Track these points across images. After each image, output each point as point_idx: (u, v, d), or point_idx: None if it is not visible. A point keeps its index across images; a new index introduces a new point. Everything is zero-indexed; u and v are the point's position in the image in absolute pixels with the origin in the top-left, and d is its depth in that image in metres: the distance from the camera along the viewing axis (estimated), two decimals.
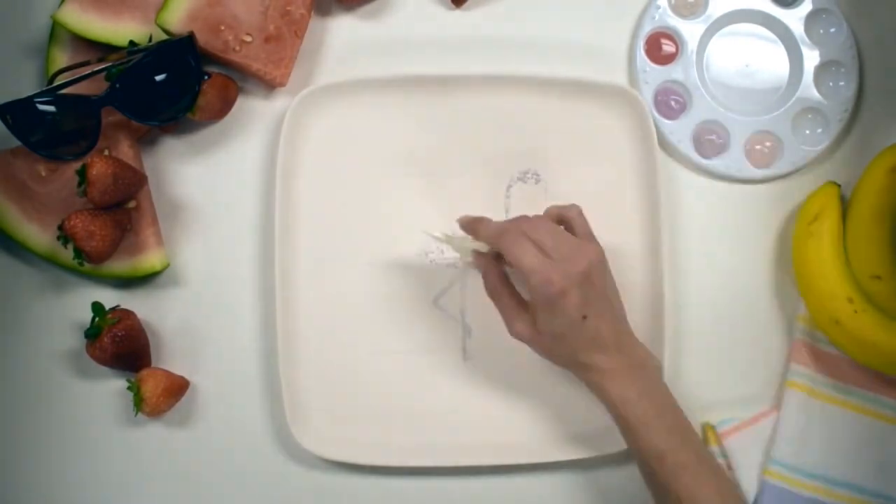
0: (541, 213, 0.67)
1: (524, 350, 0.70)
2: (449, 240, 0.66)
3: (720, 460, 0.69)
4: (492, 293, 0.65)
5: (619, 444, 0.68)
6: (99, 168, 0.66)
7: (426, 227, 0.67)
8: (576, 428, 0.70)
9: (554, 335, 0.62)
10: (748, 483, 0.69)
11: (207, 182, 0.73)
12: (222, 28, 0.71)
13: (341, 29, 0.75)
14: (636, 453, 0.62)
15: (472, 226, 0.65)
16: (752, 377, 0.72)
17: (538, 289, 0.60)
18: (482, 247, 0.65)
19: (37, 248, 0.70)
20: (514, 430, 0.70)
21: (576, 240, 0.63)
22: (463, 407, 0.70)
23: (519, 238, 0.61)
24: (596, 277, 0.61)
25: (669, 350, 0.69)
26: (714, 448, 0.70)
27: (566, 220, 0.65)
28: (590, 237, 0.64)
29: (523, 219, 0.64)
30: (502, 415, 0.70)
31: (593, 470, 0.70)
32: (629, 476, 0.70)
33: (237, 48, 0.71)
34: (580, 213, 0.65)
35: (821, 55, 0.75)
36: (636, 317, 0.71)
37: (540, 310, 0.61)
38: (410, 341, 0.71)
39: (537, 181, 0.73)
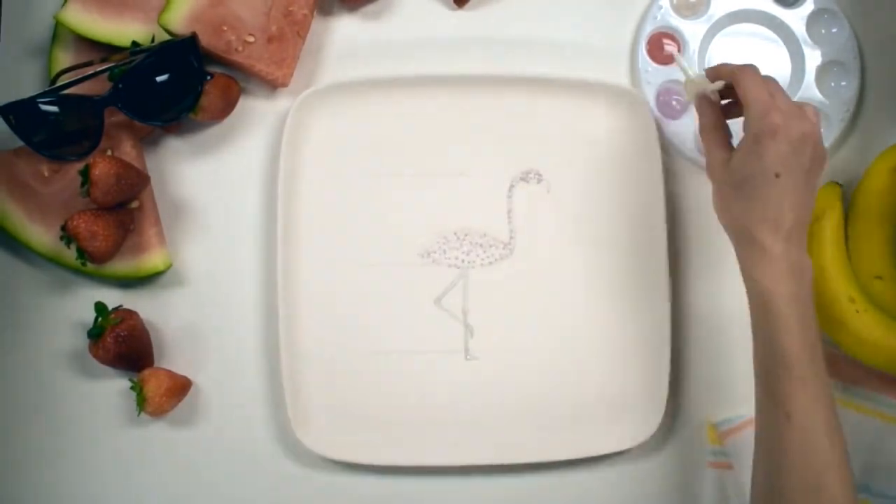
0: (544, 212, 0.67)
1: (526, 350, 0.70)
2: (686, 74, 0.67)
3: (721, 460, 0.69)
4: (705, 128, 0.64)
5: (619, 444, 0.69)
6: (102, 168, 0.66)
7: (675, 53, 0.68)
8: (577, 428, 0.70)
9: (741, 182, 0.60)
10: (749, 482, 0.69)
11: (210, 182, 0.73)
12: (225, 28, 0.71)
13: (344, 29, 0.75)
14: (761, 351, 0.60)
15: (716, 69, 0.65)
16: (754, 377, 0.72)
17: (755, 118, 0.59)
18: (712, 91, 0.64)
19: (40, 249, 0.70)
20: (515, 430, 0.70)
21: (804, 109, 0.61)
22: (465, 407, 0.70)
23: (758, 75, 0.61)
24: (809, 148, 0.59)
25: (672, 350, 0.69)
26: (715, 447, 0.70)
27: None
28: (817, 119, 0.62)
29: (767, 75, 0.63)
30: (504, 414, 0.70)
31: (594, 469, 0.70)
32: (630, 476, 0.70)
33: (240, 48, 0.71)
34: (816, 111, 0.62)
35: (822, 55, 0.75)
36: (638, 316, 0.71)
37: (745, 144, 0.60)
38: (413, 341, 0.71)
39: (539, 181, 0.73)
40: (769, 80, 0.62)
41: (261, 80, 0.72)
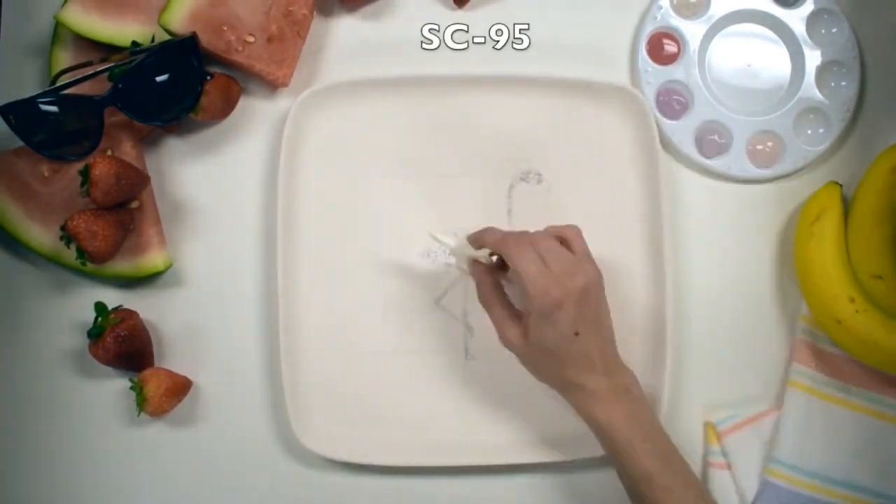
0: (544, 212, 0.67)
1: None
2: (448, 244, 0.66)
3: (720, 460, 0.69)
4: (485, 300, 0.65)
5: None
6: (102, 168, 0.66)
7: (431, 228, 0.67)
8: (578, 428, 0.69)
9: (544, 348, 0.62)
10: (748, 481, 0.69)
11: (210, 182, 0.73)
12: (225, 28, 0.71)
13: (343, 29, 0.75)
14: (624, 476, 0.62)
15: (478, 237, 0.65)
16: (753, 377, 0.72)
17: (536, 298, 0.60)
18: (482, 255, 0.64)
19: (40, 249, 0.70)
20: (516, 430, 0.70)
21: (575, 258, 0.63)
22: (465, 407, 0.70)
23: (523, 245, 0.61)
24: (592, 296, 0.62)
25: (672, 350, 0.69)
26: (714, 447, 0.70)
27: (565, 239, 0.65)
28: (588, 258, 0.64)
29: (526, 232, 0.64)
30: (505, 414, 0.70)
31: (594, 470, 0.70)
32: None
33: (240, 48, 0.71)
34: (579, 233, 0.65)
35: (822, 55, 0.75)
36: (638, 315, 0.71)
37: (534, 320, 0.61)
38: (412, 341, 0.71)
39: (539, 181, 0.73)
40: (533, 240, 0.62)
41: (261, 80, 0.73)
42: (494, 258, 0.64)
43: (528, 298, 0.61)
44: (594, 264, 0.63)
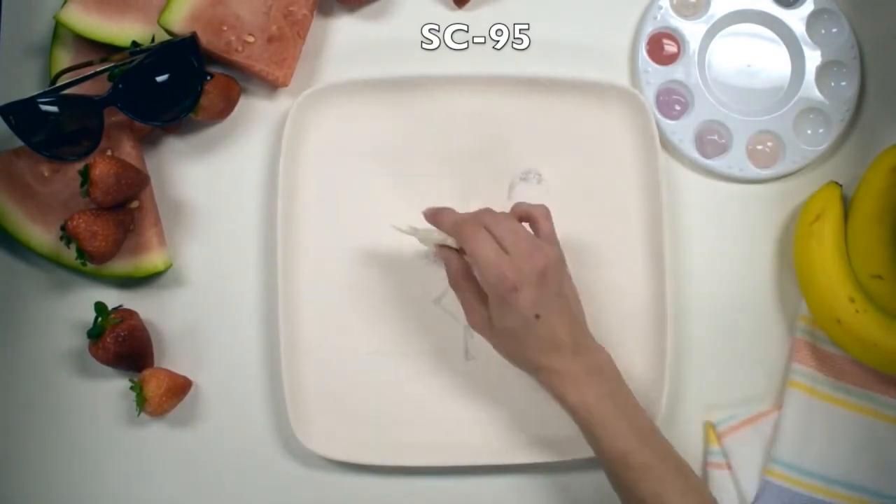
0: None
1: None
2: (414, 231, 0.66)
3: (720, 460, 0.69)
4: (453, 284, 0.65)
5: None
6: (101, 168, 0.66)
7: (394, 221, 0.66)
8: (577, 428, 0.69)
9: (507, 332, 0.62)
10: (748, 481, 0.69)
11: (210, 182, 0.73)
12: (225, 28, 0.71)
13: (343, 29, 0.75)
14: (599, 456, 0.62)
15: (434, 217, 0.65)
16: (753, 377, 0.72)
17: (491, 283, 0.60)
18: (447, 239, 0.64)
19: (39, 249, 0.70)
20: (516, 430, 0.70)
21: (535, 239, 0.62)
22: (465, 407, 0.70)
23: (478, 230, 0.61)
24: (552, 278, 0.61)
25: (671, 349, 0.69)
26: (714, 447, 0.70)
27: (532, 219, 0.64)
28: (551, 239, 0.64)
29: (486, 212, 0.63)
30: (505, 415, 0.70)
31: (595, 470, 0.70)
32: None
33: (240, 48, 0.71)
34: (548, 214, 0.64)
35: (822, 55, 0.75)
36: (638, 316, 0.71)
37: (494, 305, 0.61)
38: (412, 341, 0.71)
39: (539, 181, 0.73)
40: (489, 222, 0.61)
41: (261, 80, 0.73)
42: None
43: (484, 283, 0.61)
44: (556, 246, 0.63)
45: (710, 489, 0.69)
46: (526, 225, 0.64)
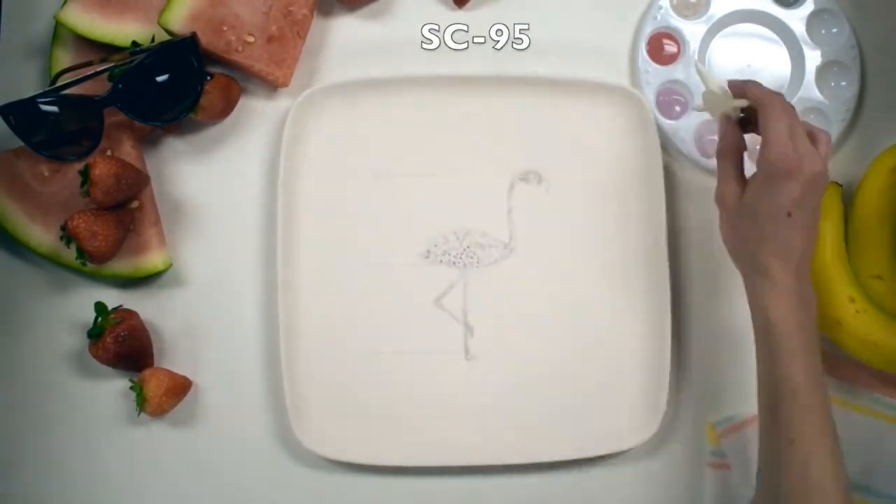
0: (544, 213, 0.67)
1: (527, 350, 0.70)
2: (713, 87, 0.65)
3: (720, 460, 0.69)
4: (723, 151, 0.65)
5: (619, 444, 0.69)
6: (101, 168, 0.66)
7: (697, 60, 0.67)
8: (577, 428, 0.70)
9: (753, 216, 0.61)
10: (748, 482, 0.69)
11: (210, 182, 0.73)
12: (225, 28, 0.71)
13: (343, 29, 0.75)
14: (767, 379, 0.61)
15: (742, 85, 0.64)
16: (753, 377, 0.71)
17: (771, 160, 0.60)
18: (734, 111, 0.64)
19: (39, 249, 0.70)
20: (515, 430, 0.70)
21: (818, 152, 0.62)
22: (465, 407, 0.70)
23: (782, 111, 0.61)
24: (819, 189, 0.61)
25: (671, 350, 0.69)
26: (714, 447, 0.70)
27: (814, 137, 0.64)
28: (826, 163, 0.63)
29: (788, 103, 0.63)
30: (504, 414, 0.70)
31: (595, 469, 0.70)
32: (630, 476, 0.70)
33: (240, 48, 0.71)
34: (829, 140, 0.64)
35: (822, 55, 0.75)
36: (638, 315, 0.71)
37: (758, 181, 0.61)
38: (412, 341, 0.71)
39: (539, 181, 0.73)
40: (791, 114, 0.62)
41: (261, 80, 0.73)
42: (741, 114, 0.64)
43: (762, 158, 0.60)
44: (827, 171, 0.63)
45: (712, 489, 0.69)
46: None
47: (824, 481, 0.57)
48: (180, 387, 0.68)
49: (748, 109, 0.64)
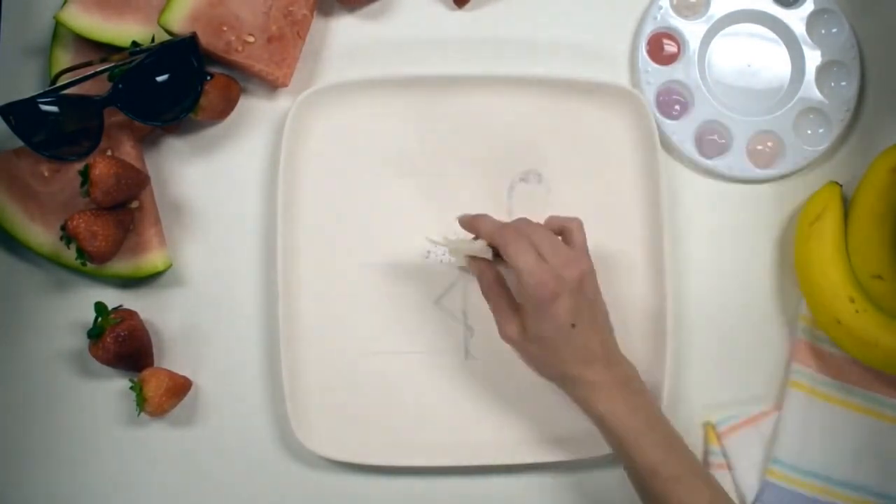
0: (544, 213, 0.67)
1: None
2: (447, 243, 0.66)
3: (720, 460, 0.69)
4: (486, 292, 0.65)
5: None
6: (101, 168, 0.66)
7: (426, 232, 0.68)
8: (577, 428, 0.69)
9: (542, 341, 0.62)
10: (748, 482, 0.69)
11: (210, 182, 0.73)
12: (225, 28, 0.71)
13: (343, 29, 0.75)
14: (628, 467, 0.62)
15: (472, 223, 0.65)
16: (753, 377, 0.72)
17: (531, 289, 0.60)
18: (480, 251, 0.64)
19: (39, 249, 0.70)
20: (515, 430, 0.70)
21: (571, 250, 0.63)
22: (465, 407, 0.70)
23: (519, 237, 0.61)
24: (588, 288, 0.62)
25: (671, 350, 0.69)
26: (714, 447, 0.70)
27: (566, 231, 0.65)
28: (584, 251, 0.64)
29: (523, 221, 0.64)
30: (504, 414, 0.70)
31: (594, 470, 0.70)
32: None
33: (240, 48, 0.71)
34: (581, 226, 0.65)
35: (822, 55, 0.75)
36: (638, 316, 0.71)
37: (530, 312, 0.61)
38: (412, 342, 0.71)
39: (539, 181, 0.73)
40: (529, 231, 0.62)
41: (261, 80, 0.73)
42: (490, 250, 0.64)
43: (523, 290, 0.61)
44: (589, 258, 0.64)
45: None
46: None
47: None
48: (180, 387, 0.68)
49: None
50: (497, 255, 0.64)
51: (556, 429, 0.70)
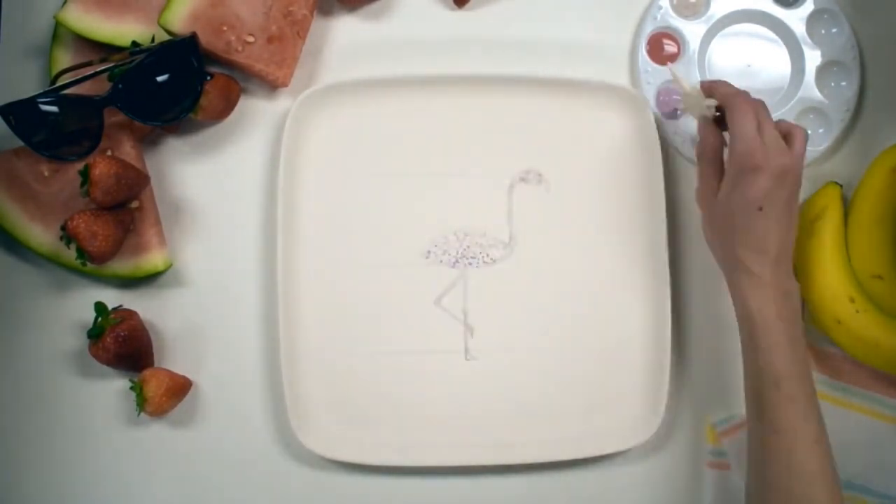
0: (544, 212, 0.67)
1: (526, 350, 0.70)
2: (690, 89, 0.67)
3: (721, 460, 0.69)
4: (701, 154, 0.66)
5: (619, 444, 0.69)
6: (101, 168, 0.66)
7: (673, 67, 0.69)
8: (577, 427, 0.70)
9: (727, 211, 0.63)
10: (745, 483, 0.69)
11: (210, 182, 0.73)
12: (225, 28, 0.71)
13: (343, 29, 0.75)
14: (751, 370, 0.62)
15: (711, 84, 0.66)
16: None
17: (738, 155, 0.61)
18: (708, 109, 0.65)
19: (39, 249, 0.70)
20: (515, 430, 0.70)
21: (788, 147, 0.63)
22: (465, 407, 0.70)
23: (748, 107, 0.62)
24: (789, 183, 0.62)
25: (672, 350, 0.69)
26: (714, 447, 0.70)
27: (790, 135, 0.64)
28: (800, 156, 0.64)
29: (758, 100, 0.64)
30: (504, 414, 0.70)
31: (595, 469, 0.70)
32: (629, 476, 0.70)
33: (240, 48, 0.71)
34: (805, 138, 0.65)
35: (822, 55, 0.75)
36: (638, 315, 0.71)
37: (730, 178, 0.62)
38: (413, 341, 0.71)
39: (539, 181, 0.73)
40: (759, 109, 0.63)
41: (261, 80, 0.73)
42: (717, 113, 0.65)
43: (731, 154, 0.62)
44: (801, 165, 0.64)
45: (712, 489, 0.69)
46: None
47: (808, 470, 0.58)
48: (180, 387, 0.68)
49: (722, 108, 0.65)
50: (719, 118, 0.66)
51: (555, 429, 0.70)
